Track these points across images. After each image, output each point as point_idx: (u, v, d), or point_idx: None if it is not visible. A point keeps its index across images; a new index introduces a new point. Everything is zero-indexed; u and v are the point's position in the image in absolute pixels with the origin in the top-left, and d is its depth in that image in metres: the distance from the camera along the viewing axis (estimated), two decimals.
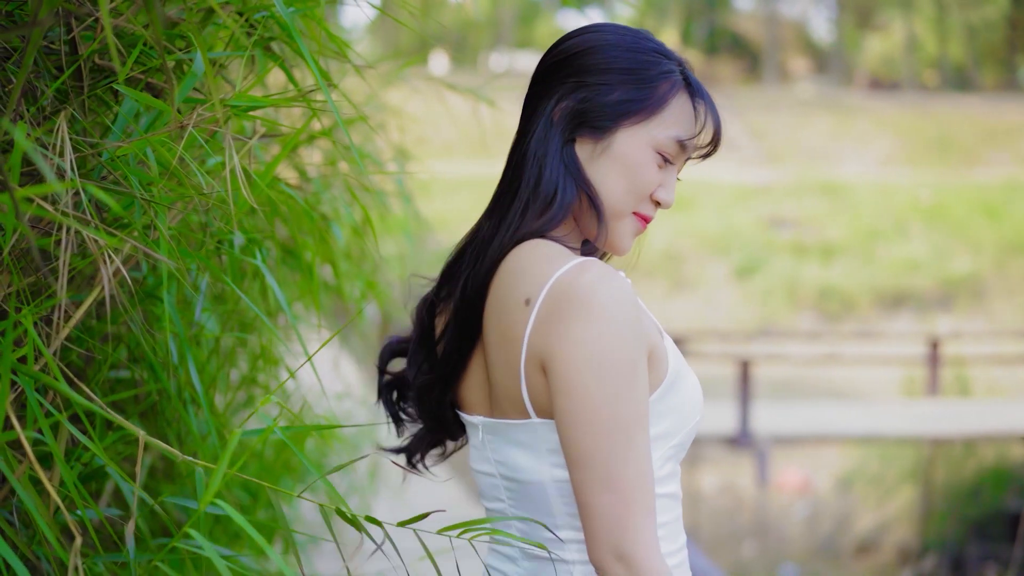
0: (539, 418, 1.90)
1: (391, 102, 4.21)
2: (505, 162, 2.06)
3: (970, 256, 30.05)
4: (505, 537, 1.98)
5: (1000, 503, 15.96)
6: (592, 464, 1.79)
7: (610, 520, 1.78)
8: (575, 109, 2.00)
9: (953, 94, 48.32)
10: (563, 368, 1.81)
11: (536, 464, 1.93)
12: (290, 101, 2.04)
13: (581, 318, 1.81)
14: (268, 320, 2.27)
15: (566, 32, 2.11)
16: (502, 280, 1.94)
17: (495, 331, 1.94)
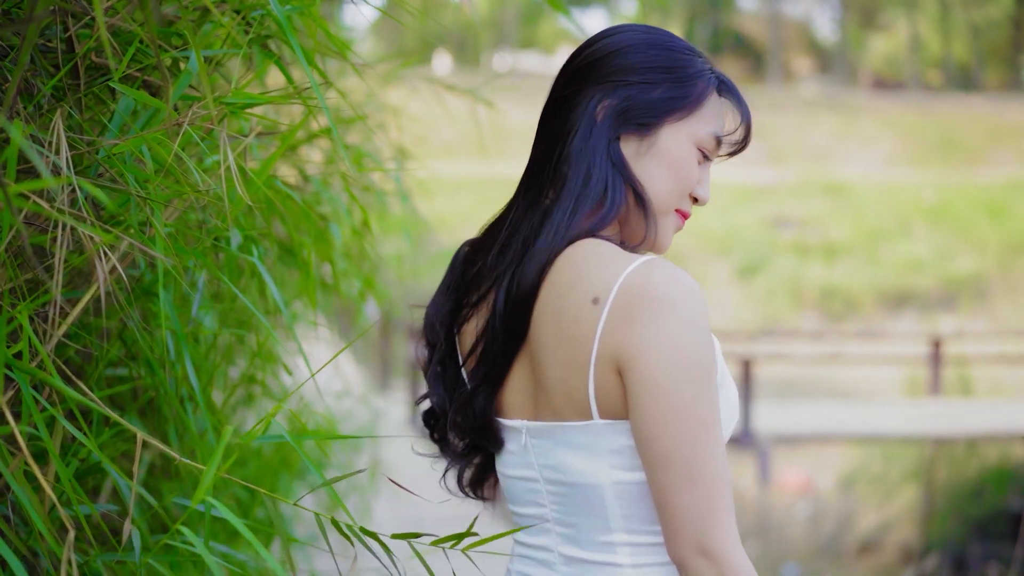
0: (602, 419, 1.88)
1: (391, 102, 4.21)
2: (534, 162, 2.05)
3: (973, 256, 30.04)
4: (537, 542, 2.02)
5: (1002, 502, 15.95)
6: (676, 462, 1.79)
7: (693, 517, 1.78)
8: (620, 107, 1.99)
9: (957, 94, 48.34)
10: (646, 367, 1.80)
11: (594, 466, 1.90)
12: (285, 99, 2.05)
13: (661, 316, 1.81)
14: (265, 319, 2.27)
15: (585, 33, 2.12)
16: (558, 280, 1.92)
17: (552, 331, 1.91)
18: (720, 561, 1.77)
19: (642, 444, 1.82)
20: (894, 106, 43.12)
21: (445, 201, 28.00)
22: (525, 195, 2.03)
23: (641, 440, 1.82)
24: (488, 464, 2.16)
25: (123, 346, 2.36)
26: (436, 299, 2.12)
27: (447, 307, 2.09)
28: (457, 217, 28.00)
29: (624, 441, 1.88)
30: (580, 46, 2.08)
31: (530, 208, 1.99)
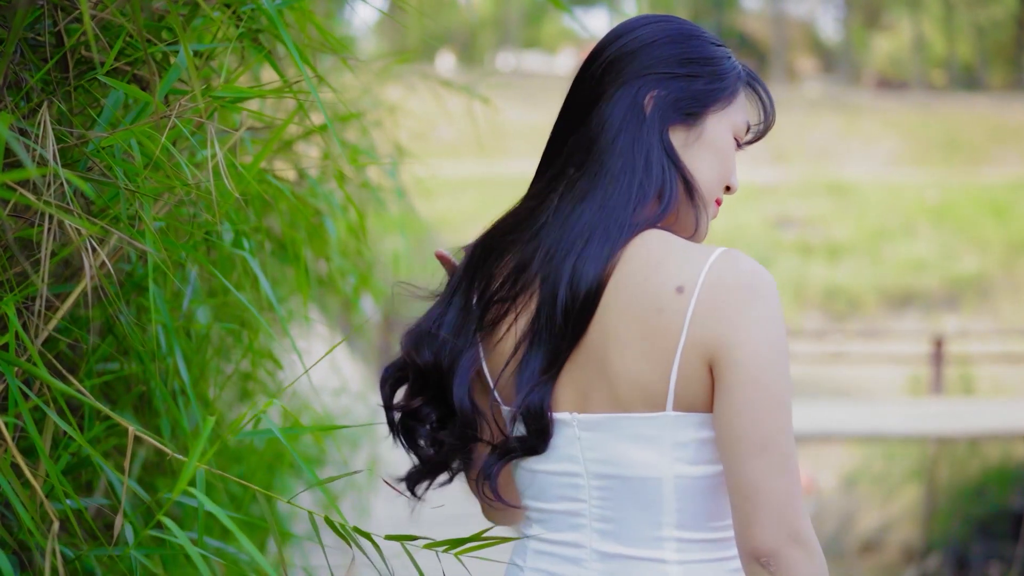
0: (675, 411, 1.86)
1: (389, 99, 4.20)
2: (565, 155, 2.01)
3: (977, 256, 30.01)
4: (564, 537, 1.98)
5: (1004, 502, 15.93)
6: (774, 448, 1.79)
7: (784, 502, 1.78)
8: (669, 98, 1.99)
9: (961, 94, 48.28)
10: (745, 356, 1.81)
11: (657, 459, 1.88)
12: (276, 93, 2.05)
13: (756, 305, 1.82)
14: (259, 314, 2.26)
15: (615, 26, 2.08)
16: (627, 270, 1.89)
17: (625, 322, 1.88)
18: (809, 546, 1.78)
19: (736, 434, 1.80)
20: (898, 106, 43.08)
21: (448, 201, 27.99)
22: (555, 189, 2.00)
23: (735, 430, 1.81)
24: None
25: (114, 340, 2.36)
26: (434, 311, 2.06)
27: (455, 312, 2.03)
28: (460, 217, 27.98)
29: (691, 434, 1.87)
30: (607, 39, 2.07)
31: (573, 201, 1.96)
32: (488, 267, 2.02)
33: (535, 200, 2.02)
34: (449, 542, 1.82)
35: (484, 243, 2.05)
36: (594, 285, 1.89)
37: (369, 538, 1.84)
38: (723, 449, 1.83)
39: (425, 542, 1.81)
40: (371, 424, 2.21)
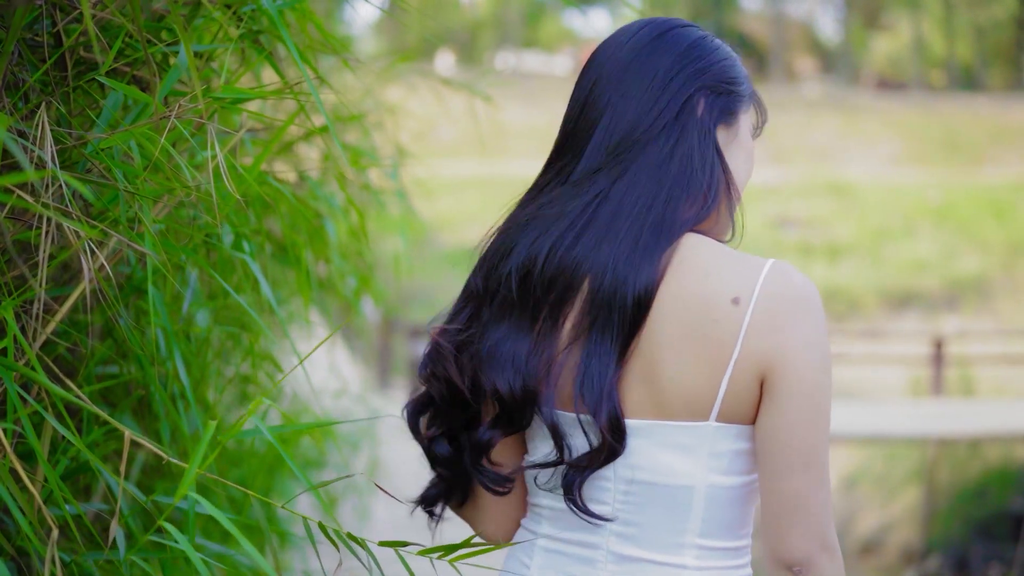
0: (717, 422, 1.86)
1: (390, 99, 4.18)
2: (606, 151, 1.95)
3: (977, 256, 30.01)
4: (579, 538, 1.96)
5: (1005, 503, 15.91)
6: (817, 462, 1.84)
7: (821, 514, 1.83)
8: (718, 100, 1.99)
9: (960, 94, 48.32)
10: (799, 370, 1.83)
11: (692, 468, 1.88)
12: (276, 94, 2.03)
13: (808, 320, 1.85)
14: (258, 317, 2.25)
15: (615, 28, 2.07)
16: (680, 276, 1.87)
17: (679, 330, 1.86)
18: (836, 553, 1.83)
19: (783, 447, 1.83)
20: (898, 106, 43.10)
21: (448, 201, 27.96)
22: (584, 186, 1.94)
23: (782, 444, 1.83)
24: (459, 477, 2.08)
25: (113, 343, 2.34)
26: (453, 327, 2.01)
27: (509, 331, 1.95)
28: (461, 217, 27.98)
29: (727, 446, 1.88)
30: (632, 32, 2.03)
31: (613, 200, 1.91)
32: (519, 270, 1.94)
33: (556, 194, 1.97)
34: (443, 548, 1.80)
35: (503, 243, 1.99)
36: (650, 288, 1.86)
37: (363, 544, 1.82)
38: (767, 461, 1.85)
39: (419, 548, 1.79)
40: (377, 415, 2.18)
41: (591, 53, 2.08)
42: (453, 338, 1.99)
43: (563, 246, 1.91)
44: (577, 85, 2.05)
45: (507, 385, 1.91)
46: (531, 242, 1.93)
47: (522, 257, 1.93)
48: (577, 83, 2.06)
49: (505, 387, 1.91)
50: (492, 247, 2.00)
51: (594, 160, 1.95)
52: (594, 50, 2.07)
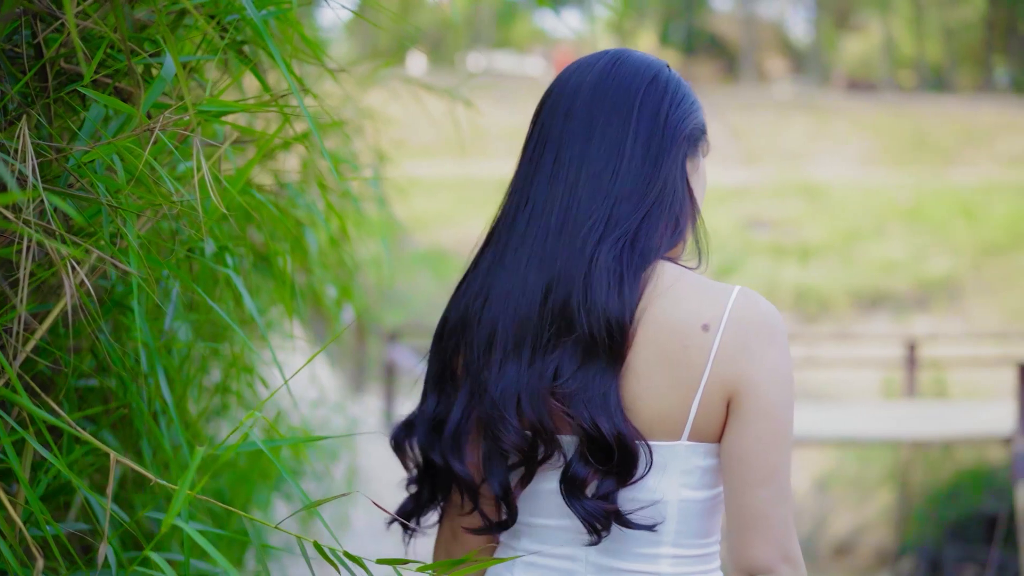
0: (689, 441, 1.97)
1: (368, 104, 4.15)
2: (578, 175, 2.02)
3: (947, 257, 30.13)
4: (560, 551, 2.04)
5: (978, 505, 15.96)
6: (778, 478, 1.93)
7: (782, 527, 1.92)
8: (689, 130, 2.09)
9: (930, 95, 48.52)
10: (764, 393, 1.93)
11: (666, 484, 1.97)
12: (262, 107, 1.99)
13: (774, 344, 1.96)
14: (240, 329, 2.21)
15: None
16: (652, 303, 1.97)
17: (652, 355, 1.95)
18: (798, 565, 1.93)
19: (746, 465, 1.93)
20: (868, 107, 43.24)
21: (422, 201, 27.88)
22: (549, 209, 2.02)
23: (746, 461, 1.93)
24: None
25: (94, 359, 2.30)
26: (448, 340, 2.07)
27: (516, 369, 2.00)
28: (434, 217, 27.90)
29: (697, 462, 1.98)
30: (612, 64, 2.11)
31: (591, 226, 1.98)
32: (511, 312, 2.00)
33: (531, 227, 2.03)
34: (443, 564, 1.78)
35: (484, 283, 2.05)
36: (632, 315, 1.95)
37: (360, 563, 1.80)
38: (730, 477, 1.95)
39: (418, 564, 1.78)
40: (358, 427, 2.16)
41: (558, 82, 2.13)
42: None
43: (553, 281, 1.97)
44: (545, 111, 2.10)
45: (593, 422, 1.93)
46: (515, 285, 2.00)
47: (509, 301, 2.00)
48: (545, 109, 2.11)
49: (591, 424, 1.93)
50: (467, 295, 2.06)
51: (572, 186, 2.02)
52: (562, 78, 2.13)
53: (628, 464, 1.93)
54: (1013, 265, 30.04)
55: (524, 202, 2.04)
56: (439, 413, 2.05)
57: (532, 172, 2.06)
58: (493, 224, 2.10)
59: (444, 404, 2.06)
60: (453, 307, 2.07)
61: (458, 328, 2.05)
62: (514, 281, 2.00)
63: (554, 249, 1.98)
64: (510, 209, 2.06)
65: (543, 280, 1.97)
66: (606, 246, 1.95)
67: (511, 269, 2.00)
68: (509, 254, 2.02)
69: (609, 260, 1.94)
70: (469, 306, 2.04)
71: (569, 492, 1.96)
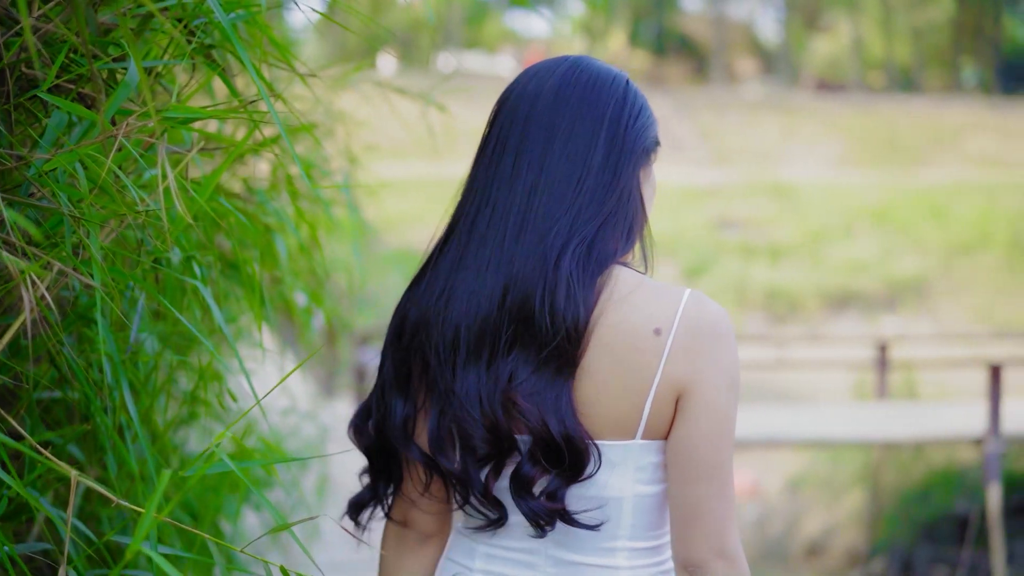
0: (643, 439, 2.04)
1: (340, 107, 4.10)
2: (536, 182, 2.07)
3: (916, 257, 30.24)
4: (520, 544, 2.13)
5: (949, 506, 15.99)
6: (719, 475, 2.01)
7: (719, 523, 2.00)
8: (645, 142, 2.15)
9: (899, 95, 48.69)
10: (710, 393, 2.01)
11: (622, 481, 2.05)
12: (230, 113, 1.93)
13: (722, 346, 2.03)
14: (208, 340, 2.15)
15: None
16: (606, 308, 2.03)
17: (605, 359, 2.02)
18: (735, 560, 2.00)
19: (690, 460, 2.01)
20: (837, 107, 43.35)
21: (393, 202, 27.79)
22: (505, 216, 2.07)
23: (691, 457, 2.01)
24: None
25: (56, 371, 2.23)
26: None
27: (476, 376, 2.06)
28: (405, 218, 27.79)
29: (650, 459, 2.06)
30: (574, 69, 2.15)
31: (546, 231, 2.04)
32: (470, 315, 2.05)
33: (489, 233, 2.07)
34: None
35: (445, 286, 2.08)
36: (582, 326, 2.00)
37: None
38: (675, 472, 2.03)
39: None
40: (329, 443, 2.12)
41: (516, 85, 2.17)
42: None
43: (511, 283, 2.03)
44: (504, 113, 2.14)
45: (553, 426, 2.00)
46: (476, 285, 2.05)
47: (471, 302, 2.05)
48: (504, 111, 2.15)
49: (552, 427, 2.01)
50: (428, 294, 2.10)
51: (531, 191, 2.07)
52: (522, 82, 2.17)
53: (577, 464, 2.00)
54: (981, 265, 30.19)
55: (485, 204, 2.08)
56: (407, 414, 2.11)
57: (492, 174, 2.09)
58: (452, 223, 2.14)
59: (410, 406, 2.11)
60: (413, 306, 2.11)
61: (420, 328, 2.08)
62: (475, 283, 2.04)
63: (512, 252, 2.03)
64: (470, 210, 2.10)
65: (501, 282, 2.02)
66: (567, 254, 2.00)
67: (473, 270, 2.05)
68: (471, 255, 2.06)
69: (570, 267, 1.99)
70: (431, 306, 2.07)
71: (517, 490, 2.04)
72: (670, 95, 41.38)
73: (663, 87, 46.23)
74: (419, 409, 2.12)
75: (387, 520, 2.26)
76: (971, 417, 13.85)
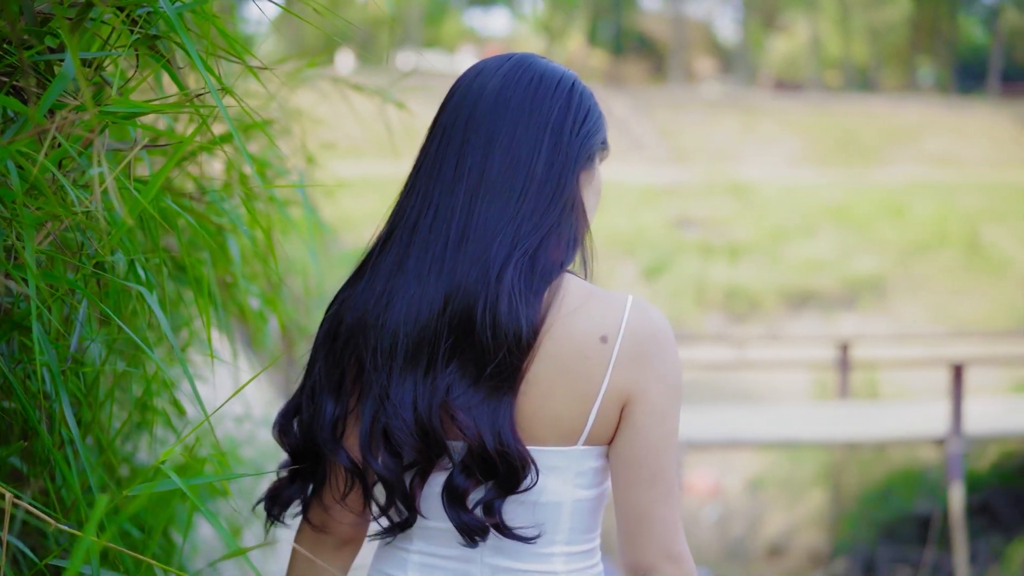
0: (584, 445, 2.04)
1: (296, 104, 3.99)
2: (475, 187, 2.04)
3: (874, 255, 30.35)
4: (455, 553, 2.09)
5: (911, 506, 16.02)
6: (664, 480, 2.02)
7: (666, 527, 2.01)
8: (585, 146, 2.11)
9: (856, 94, 48.98)
10: (655, 399, 2.01)
11: (562, 486, 2.04)
12: (175, 107, 1.81)
13: (665, 352, 2.03)
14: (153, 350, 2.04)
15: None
16: (551, 316, 2.01)
17: (551, 366, 2.00)
18: (683, 564, 2.01)
19: (636, 466, 2.02)
20: (795, 106, 43.50)
21: (350, 201, 27.64)
22: (448, 222, 2.03)
23: (636, 463, 2.02)
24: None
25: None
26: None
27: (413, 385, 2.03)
28: (362, 217, 27.58)
29: (591, 463, 2.06)
30: (517, 69, 2.12)
31: (486, 239, 2.01)
32: (408, 323, 2.02)
33: (428, 237, 2.04)
34: None
35: (382, 293, 2.05)
36: (529, 336, 1.98)
37: None
38: (620, 479, 2.04)
39: None
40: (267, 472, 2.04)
41: (461, 83, 2.15)
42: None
43: (452, 293, 1.99)
44: (447, 113, 2.11)
45: (488, 437, 1.99)
46: (417, 291, 2.01)
47: (411, 308, 2.01)
48: (447, 111, 2.12)
49: (486, 439, 1.99)
50: (367, 296, 2.06)
51: (473, 196, 2.03)
52: (465, 81, 2.15)
53: (512, 478, 1.98)
54: (939, 263, 30.35)
55: (427, 206, 2.05)
56: (337, 416, 2.07)
57: (435, 175, 2.06)
58: (393, 222, 2.10)
59: (340, 408, 2.07)
60: (349, 307, 2.07)
61: (357, 330, 2.04)
62: (417, 289, 2.00)
63: (454, 260, 1.99)
64: (412, 211, 2.06)
65: (443, 290, 1.99)
66: (510, 266, 1.97)
67: (414, 275, 2.01)
68: (412, 259, 2.02)
69: (514, 278, 1.97)
70: (370, 309, 2.04)
71: (449, 501, 2.02)
72: (629, 94, 41.42)
73: (622, 86, 46.31)
74: (350, 412, 2.08)
75: (303, 522, 2.23)
76: (933, 417, 13.87)
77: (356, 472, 2.08)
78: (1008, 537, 15.09)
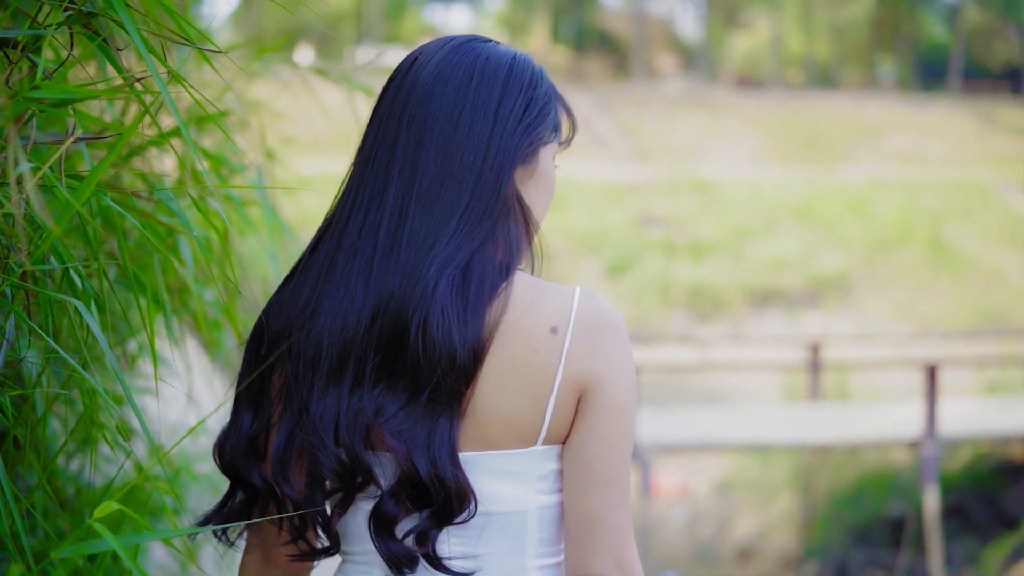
0: (543, 445, 1.92)
1: (255, 96, 3.78)
2: (407, 187, 1.91)
3: (838, 253, 30.36)
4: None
5: (882, 508, 15.95)
6: (618, 482, 1.90)
7: (617, 533, 1.89)
8: (537, 139, 1.98)
9: (818, 92, 49.15)
10: (611, 392, 1.90)
11: (523, 492, 1.92)
12: (113, 93, 1.58)
13: (620, 344, 1.92)
14: (79, 366, 1.82)
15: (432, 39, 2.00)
16: (503, 319, 1.89)
17: (500, 362, 1.88)
18: (632, 572, 1.88)
19: (589, 466, 1.90)
20: (757, 104, 43.59)
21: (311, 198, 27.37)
22: (433, 219, 1.89)
23: (589, 462, 1.90)
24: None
25: None
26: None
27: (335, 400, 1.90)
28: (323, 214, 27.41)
29: (551, 466, 1.93)
30: (457, 54, 1.97)
31: (422, 244, 1.89)
32: (336, 331, 1.89)
33: (361, 243, 1.91)
34: None
35: (308, 301, 1.92)
36: (475, 351, 1.86)
37: None
38: (571, 480, 1.91)
39: None
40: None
41: (399, 71, 2.00)
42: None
43: (382, 307, 1.87)
44: (384, 104, 1.98)
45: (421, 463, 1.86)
46: (344, 300, 1.89)
47: (336, 317, 1.89)
48: (384, 101, 1.98)
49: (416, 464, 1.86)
50: (293, 302, 1.93)
51: (402, 199, 1.91)
52: (403, 68, 2.00)
53: (447, 508, 1.85)
54: (902, 261, 30.41)
55: (357, 208, 1.93)
56: (255, 431, 1.93)
57: (366, 174, 1.95)
58: (324, 225, 1.98)
59: (260, 422, 1.94)
60: (275, 314, 1.94)
61: (281, 338, 1.92)
62: (344, 298, 1.88)
63: (384, 270, 1.87)
64: (343, 214, 1.95)
65: (371, 303, 1.86)
66: (444, 278, 1.85)
67: (341, 283, 1.89)
68: (339, 266, 1.90)
69: (446, 295, 1.85)
70: (295, 316, 1.91)
71: (377, 529, 1.88)
72: (591, 91, 41.34)
73: (584, 83, 46.22)
74: (272, 426, 1.93)
75: (246, 548, 2.10)
76: (906, 419, 13.79)
77: (269, 493, 1.93)
78: (983, 540, 15.03)
